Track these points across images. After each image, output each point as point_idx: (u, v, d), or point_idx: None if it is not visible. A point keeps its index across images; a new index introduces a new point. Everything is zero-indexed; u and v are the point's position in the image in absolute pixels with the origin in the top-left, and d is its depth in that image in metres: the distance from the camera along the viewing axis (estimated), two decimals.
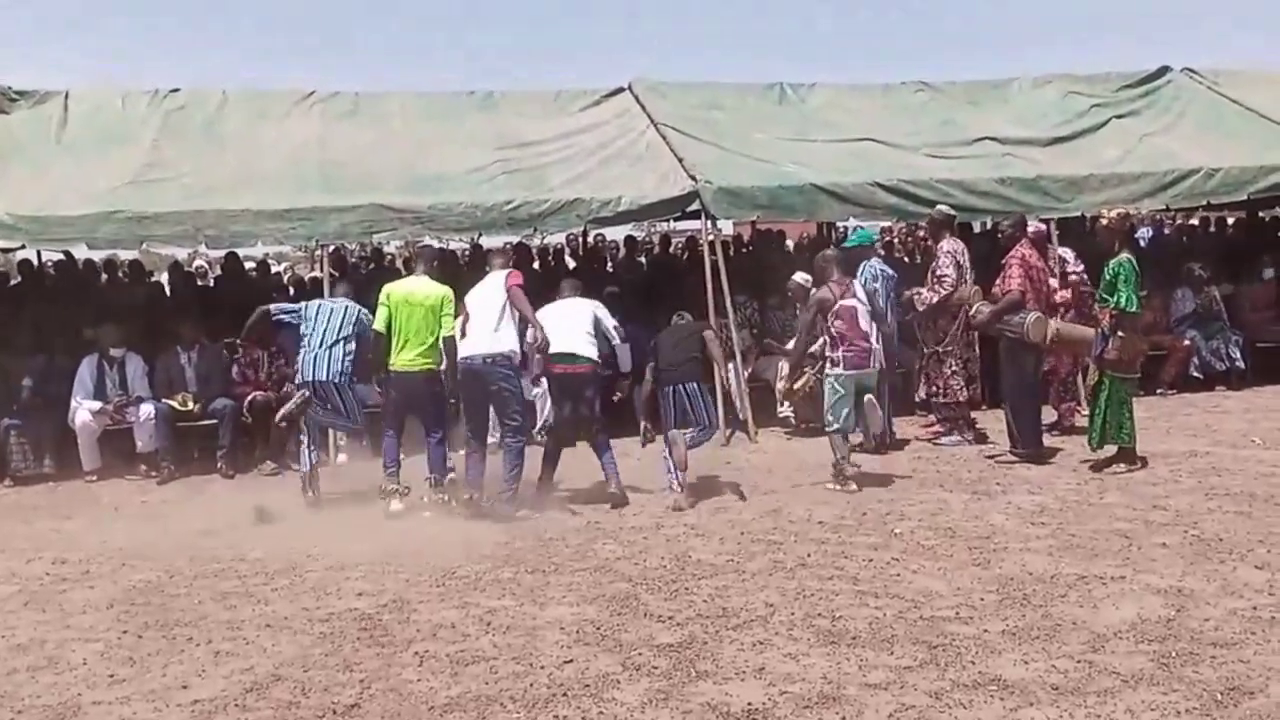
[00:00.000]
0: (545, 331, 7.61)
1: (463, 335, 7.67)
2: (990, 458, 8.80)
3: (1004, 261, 8.79)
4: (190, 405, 9.80)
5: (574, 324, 7.87)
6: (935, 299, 9.28)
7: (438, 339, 7.74)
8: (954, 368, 9.41)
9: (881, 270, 9.66)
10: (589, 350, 7.84)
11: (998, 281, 8.79)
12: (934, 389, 9.56)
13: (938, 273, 9.30)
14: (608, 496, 7.78)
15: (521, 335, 7.73)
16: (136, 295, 11.94)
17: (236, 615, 5.72)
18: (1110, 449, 8.13)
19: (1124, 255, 7.94)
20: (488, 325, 7.58)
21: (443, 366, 7.77)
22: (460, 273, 9.70)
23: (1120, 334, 7.88)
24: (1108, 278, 7.95)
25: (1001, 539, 6.47)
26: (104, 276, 13.12)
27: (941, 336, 9.38)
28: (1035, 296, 8.58)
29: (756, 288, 11.63)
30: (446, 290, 7.86)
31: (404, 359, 7.76)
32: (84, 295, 11.70)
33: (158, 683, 4.84)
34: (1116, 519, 6.76)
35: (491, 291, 7.72)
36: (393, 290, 7.87)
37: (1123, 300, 7.81)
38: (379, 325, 7.84)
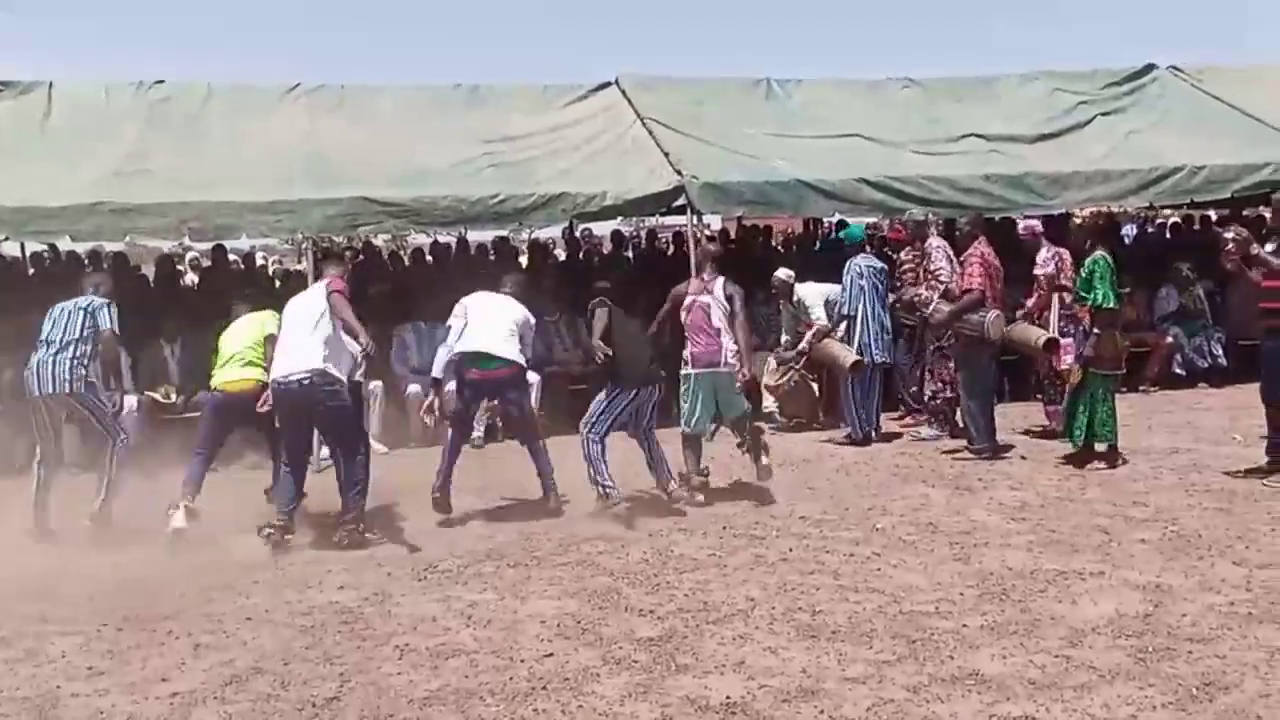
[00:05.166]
0: (463, 328, 7.27)
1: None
2: (947, 453, 8.85)
3: (963, 259, 8.83)
4: (173, 398, 9.78)
5: (496, 321, 7.34)
6: (935, 296, 9.23)
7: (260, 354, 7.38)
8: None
9: (868, 266, 9.68)
10: (508, 349, 7.24)
11: (956, 279, 8.84)
12: (939, 385, 9.46)
13: (931, 268, 9.26)
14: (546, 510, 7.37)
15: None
16: (120, 287, 11.87)
17: (217, 608, 5.72)
18: (1096, 445, 8.18)
19: (1099, 253, 8.00)
20: (300, 339, 6.85)
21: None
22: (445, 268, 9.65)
23: (1098, 330, 7.93)
24: (1083, 275, 8.01)
25: (982, 534, 6.50)
26: (88, 268, 13.06)
27: (944, 333, 9.31)
28: (992, 294, 8.62)
29: (742, 283, 11.62)
30: (270, 311, 7.60)
31: (224, 378, 7.42)
32: (66, 287, 11.63)
33: (137, 675, 4.84)
34: (1097, 515, 6.79)
35: (310, 301, 7.05)
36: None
37: (1099, 297, 7.88)
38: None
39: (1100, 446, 8.14)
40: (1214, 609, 5.04)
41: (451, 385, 7.59)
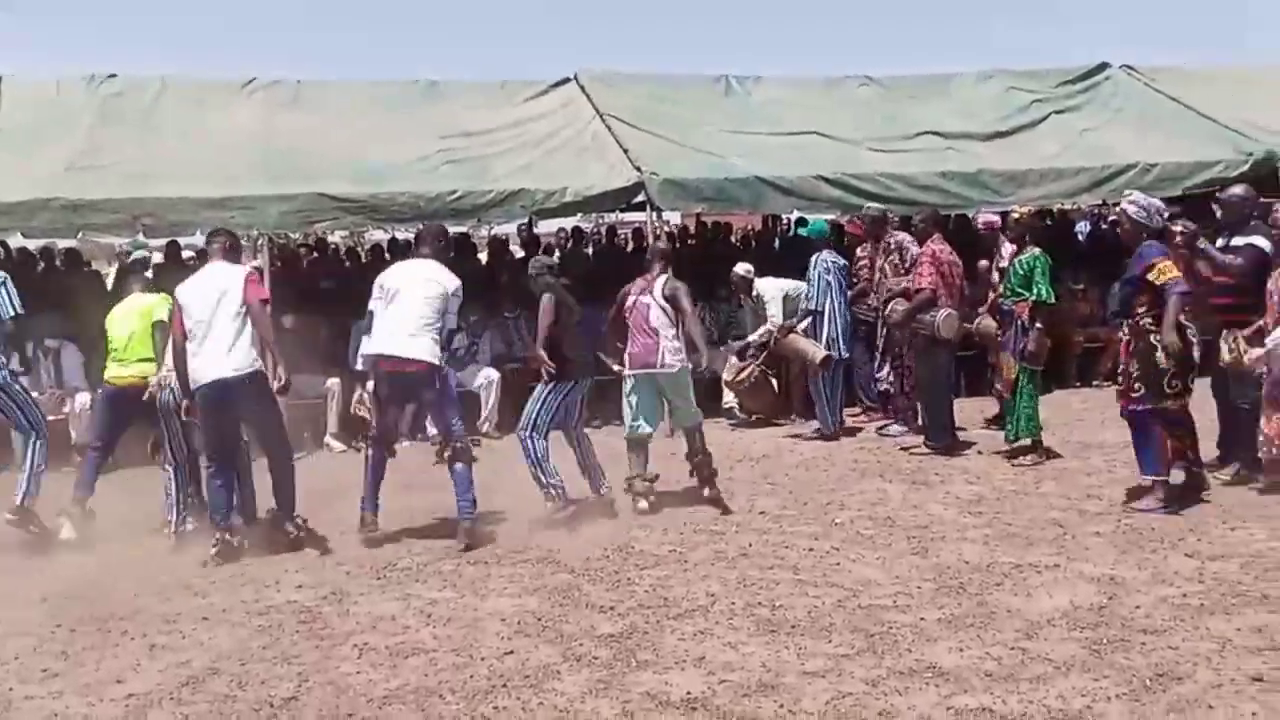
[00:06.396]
0: (372, 321, 6.72)
1: (184, 338, 6.58)
2: (905, 448, 8.93)
3: (916, 258, 8.90)
4: None
5: (408, 310, 6.64)
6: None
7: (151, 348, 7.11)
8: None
9: (833, 261, 9.70)
10: (417, 348, 6.60)
11: (909, 278, 8.90)
12: (908, 384, 9.48)
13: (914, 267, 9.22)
14: (459, 534, 6.66)
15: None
16: (74, 284, 11.72)
17: (172, 608, 5.67)
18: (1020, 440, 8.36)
19: (1036, 250, 8.15)
20: (225, 339, 6.45)
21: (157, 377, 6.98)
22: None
23: (1039, 325, 8.04)
24: (1021, 272, 8.13)
25: (939, 528, 6.56)
26: (40, 265, 12.89)
27: (906, 332, 9.29)
28: (947, 292, 8.69)
29: (703, 280, 11.66)
30: (159, 297, 7.32)
31: (114, 372, 7.22)
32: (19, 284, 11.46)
33: (91, 677, 4.80)
34: (1051, 508, 6.88)
35: (224, 297, 6.51)
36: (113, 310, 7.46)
37: (1043, 293, 8.02)
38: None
39: (1024, 441, 8.28)
40: (1167, 601, 5.12)
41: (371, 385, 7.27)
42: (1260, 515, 6.41)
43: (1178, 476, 6.87)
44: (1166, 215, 7.13)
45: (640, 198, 10.59)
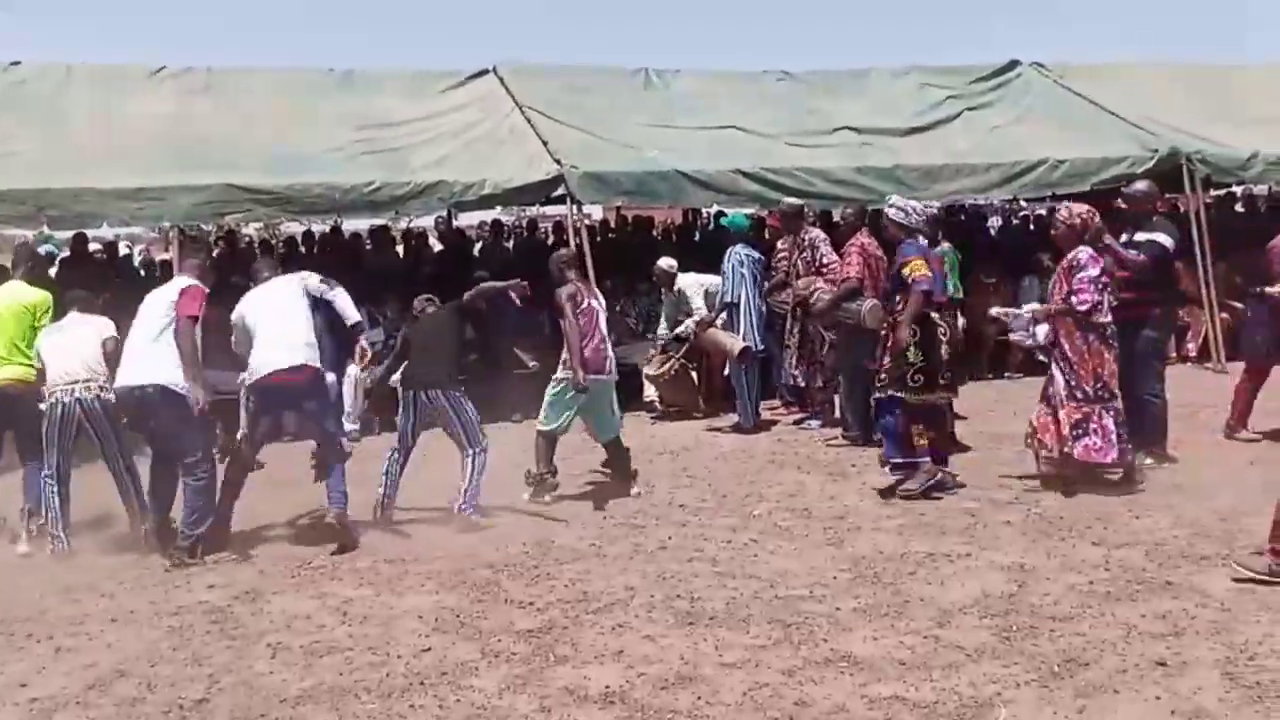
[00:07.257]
0: (254, 344, 6.52)
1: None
2: (823, 440, 9.03)
3: (844, 249, 9.00)
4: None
5: (279, 323, 6.55)
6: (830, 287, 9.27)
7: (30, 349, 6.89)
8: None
9: (748, 254, 9.75)
10: (300, 353, 6.50)
11: (839, 268, 9.01)
12: (822, 378, 9.58)
13: (826, 261, 9.26)
14: (330, 532, 6.55)
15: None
16: None
17: (80, 610, 5.54)
18: None
19: (945, 245, 8.36)
20: (142, 346, 6.34)
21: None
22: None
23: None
24: None
25: (855, 519, 6.64)
26: None
27: (828, 323, 9.33)
28: (873, 284, 8.80)
29: (624, 272, 11.67)
30: (42, 296, 7.16)
31: None
32: None
33: None
34: (963, 498, 6.98)
35: (160, 300, 6.49)
36: None
37: (950, 288, 8.17)
38: None
39: None
40: (1075, 588, 5.23)
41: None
42: (1164, 505, 6.58)
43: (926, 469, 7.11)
44: (925, 214, 7.64)
45: (560, 191, 10.56)
